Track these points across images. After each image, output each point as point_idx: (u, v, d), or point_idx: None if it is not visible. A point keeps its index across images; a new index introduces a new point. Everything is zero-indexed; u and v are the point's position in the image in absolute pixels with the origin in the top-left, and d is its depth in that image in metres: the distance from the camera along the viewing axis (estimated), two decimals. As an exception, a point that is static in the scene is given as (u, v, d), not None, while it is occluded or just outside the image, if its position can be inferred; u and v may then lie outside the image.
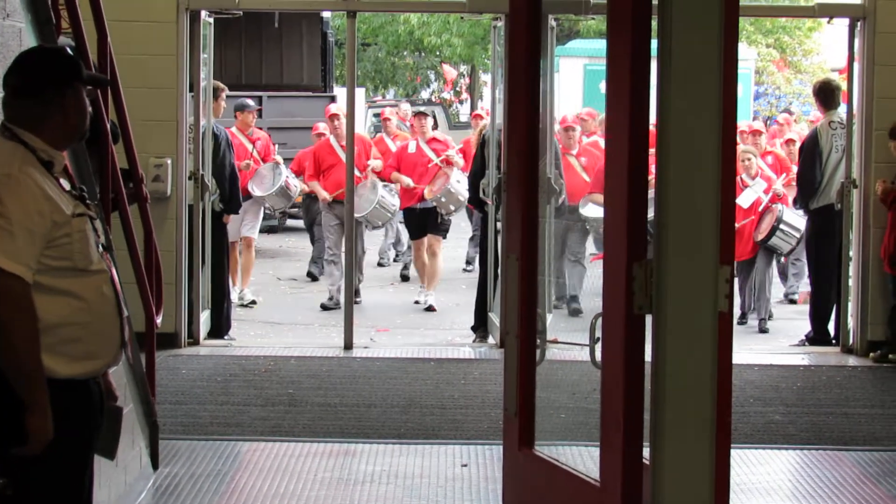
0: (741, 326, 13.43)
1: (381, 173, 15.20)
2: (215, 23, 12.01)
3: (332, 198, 14.66)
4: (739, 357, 10.54)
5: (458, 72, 38.95)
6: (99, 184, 7.05)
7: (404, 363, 11.02)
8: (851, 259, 11.71)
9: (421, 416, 9.27)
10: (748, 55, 28.26)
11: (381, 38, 34.49)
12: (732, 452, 4.87)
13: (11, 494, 4.54)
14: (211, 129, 12.04)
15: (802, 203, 12.49)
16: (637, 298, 4.72)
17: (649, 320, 4.75)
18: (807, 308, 12.89)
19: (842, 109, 12.29)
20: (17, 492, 4.54)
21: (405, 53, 36.77)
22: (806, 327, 12.48)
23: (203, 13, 11.51)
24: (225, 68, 19.93)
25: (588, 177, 13.76)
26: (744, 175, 13.75)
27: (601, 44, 5.27)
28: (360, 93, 32.00)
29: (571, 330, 12.73)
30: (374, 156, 15.36)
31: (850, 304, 11.69)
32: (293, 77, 21.74)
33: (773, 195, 13.76)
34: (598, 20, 22.99)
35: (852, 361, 11.36)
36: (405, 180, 14.96)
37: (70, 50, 6.39)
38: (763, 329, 13.49)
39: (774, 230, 13.51)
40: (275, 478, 7.80)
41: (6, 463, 4.51)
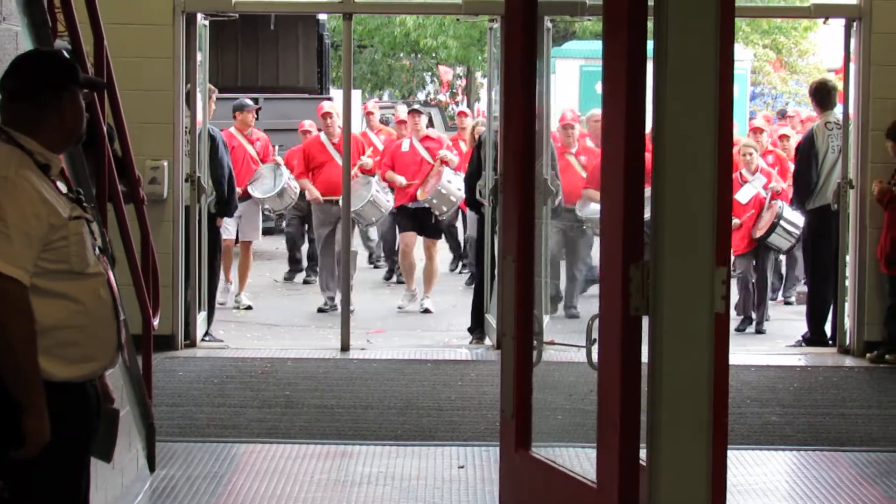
0: (737, 323, 13.39)
1: (371, 171, 15.00)
2: (211, 25, 12.00)
3: (324, 199, 14.49)
4: (736, 358, 10.51)
5: (455, 73, 38.92)
6: (95, 186, 7.05)
7: (401, 365, 11.01)
8: (848, 259, 11.72)
9: (418, 418, 9.27)
10: (744, 56, 28.24)
11: (378, 40, 34.46)
12: (729, 453, 4.87)
13: (8, 497, 4.54)
14: (207, 131, 12.03)
15: (799, 204, 12.50)
16: (633, 300, 4.72)
17: (646, 321, 4.75)
18: (803, 309, 12.89)
19: (838, 110, 12.29)
20: (14, 494, 4.54)
21: (401, 55, 36.75)
22: (802, 328, 12.48)
23: (199, 16, 11.52)
24: (221, 70, 19.90)
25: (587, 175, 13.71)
26: (743, 170, 13.70)
27: (597, 45, 5.26)
28: (357, 94, 31.99)
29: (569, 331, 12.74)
30: (368, 154, 15.23)
31: (847, 305, 11.69)
32: (289, 79, 21.71)
33: (773, 192, 13.69)
34: (594, 21, 22.96)
35: (849, 362, 11.37)
36: (399, 179, 14.88)
37: (66, 53, 6.38)
38: (760, 330, 13.48)
39: (774, 226, 13.42)
40: (271, 480, 7.80)
41: (3, 465, 4.51)
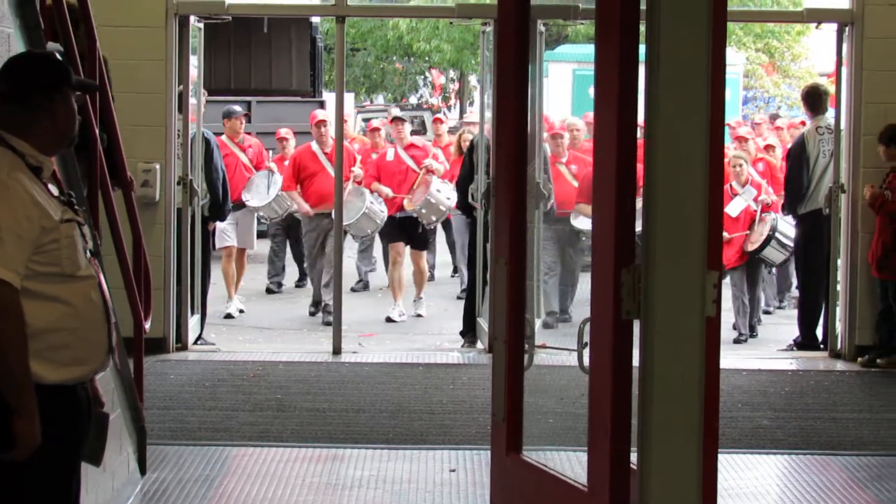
0: (732, 332, 13.27)
1: (360, 183, 14.52)
2: (204, 28, 12.01)
3: (315, 212, 14.05)
4: (727, 362, 10.56)
5: (448, 77, 38.93)
6: (87, 188, 7.04)
7: (393, 368, 11.01)
8: (839, 264, 11.73)
9: (409, 422, 9.27)
10: (736, 60, 28.28)
11: (370, 43, 34.47)
12: (720, 457, 4.88)
13: (-1, 500, 4.54)
14: (201, 134, 12.02)
15: (790, 208, 12.48)
16: (625, 303, 4.72)
17: (637, 325, 4.75)
18: (794, 313, 12.88)
19: (829, 114, 12.30)
20: (4, 497, 4.54)
21: (394, 59, 36.76)
22: (794, 332, 12.49)
23: (192, 18, 11.52)
24: (214, 73, 19.90)
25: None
26: (734, 182, 13.43)
27: (590, 49, 5.28)
28: (350, 98, 31.99)
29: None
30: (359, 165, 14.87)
31: (839, 309, 11.70)
32: (282, 82, 21.71)
33: (763, 205, 13.53)
34: (587, 25, 22.98)
35: (840, 366, 11.38)
36: (385, 191, 14.44)
37: (59, 55, 6.38)
38: (752, 335, 13.45)
39: (769, 240, 13.22)
40: (263, 483, 7.80)
41: (-6, 468, 4.51)
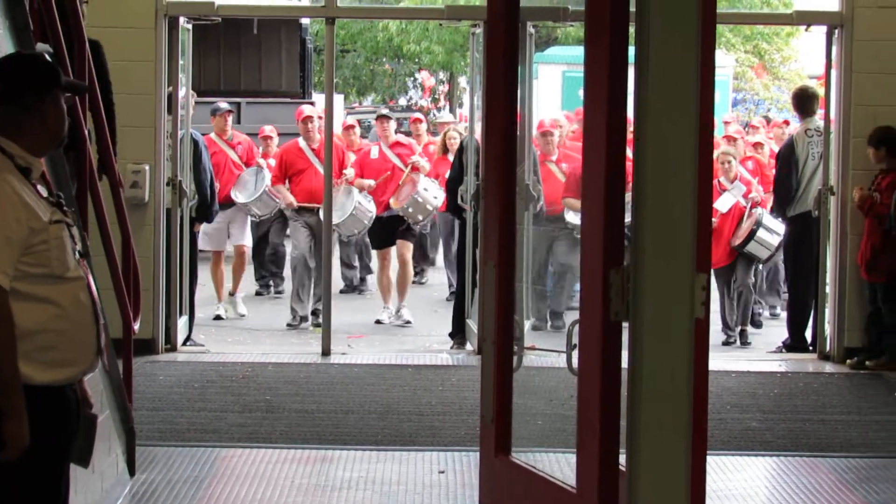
0: (723, 337, 13.15)
1: (351, 183, 14.28)
2: (194, 29, 12.00)
3: (300, 205, 13.90)
4: (716, 364, 10.56)
5: (438, 79, 38.92)
6: (76, 189, 7.04)
7: (382, 370, 11.01)
8: (829, 266, 11.74)
9: (398, 423, 9.27)
10: (726, 61, 28.32)
11: (360, 45, 34.46)
12: (709, 459, 4.88)
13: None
14: (190, 135, 12.01)
15: (780, 210, 12.49)
16: (614, 305, 4.72)
17: (626, 326, 4.75)
18: (784, 315, 12.89)
19: (819, 116, 12.31)
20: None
21: (384, 60, 36.74)
22: (783, 334, 12.50)
23: (182, 19, 11.51)
24: (203, 74, 19.88)
25: (570, 183, 13.57)
26: (722, 178, 13.37)
27: (580, 51, 5.27)
28: (339, 99, 31.96)
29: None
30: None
31: (828, 311, 11.72)
32: (272, 83, 21.71)
33: (752, 202, 13.52)
34: (577, 27, 22.98)
35: (829, 368, 11.39)
36: (366, 183, 14.23)
37: (48, 56, 6.37)
38: (745, 342, 13.33)
39: (753, 234, 13.22)
40: (252, 484, 7.79)
41: (-18, 469, 4.50)
